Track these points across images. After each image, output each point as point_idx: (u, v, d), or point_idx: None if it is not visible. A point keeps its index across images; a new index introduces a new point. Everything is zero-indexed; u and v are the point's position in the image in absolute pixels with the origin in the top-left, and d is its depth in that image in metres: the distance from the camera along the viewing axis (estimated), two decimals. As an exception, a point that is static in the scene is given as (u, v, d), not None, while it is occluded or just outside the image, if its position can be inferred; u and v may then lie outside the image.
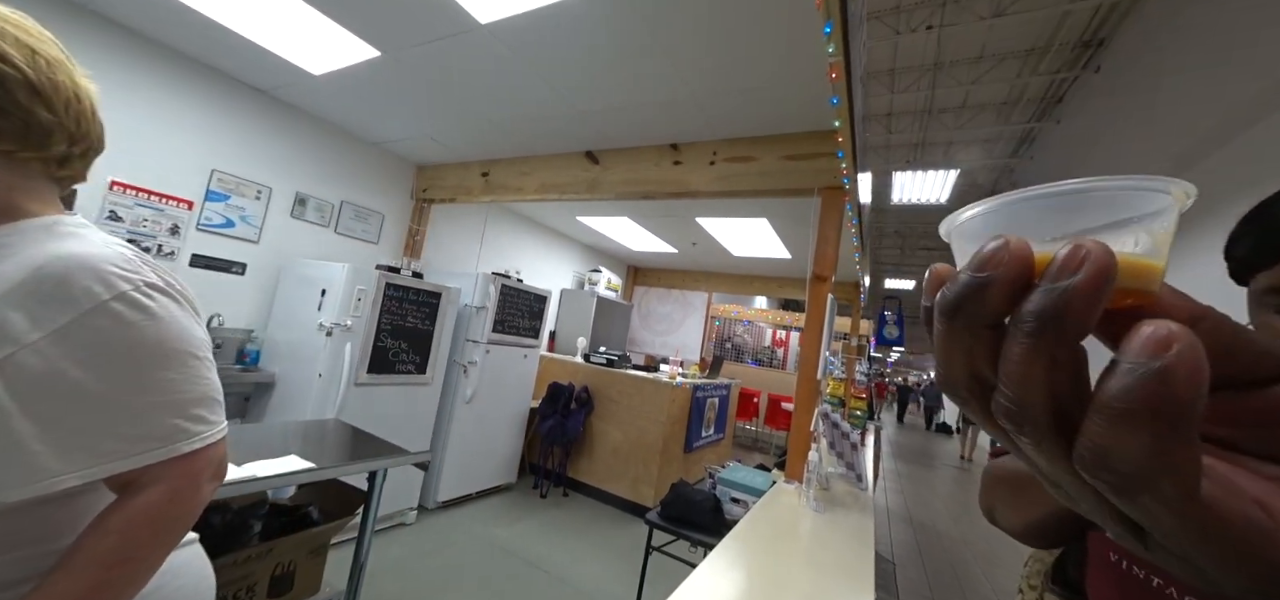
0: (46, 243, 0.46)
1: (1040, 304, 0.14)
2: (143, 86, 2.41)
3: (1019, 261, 0.15)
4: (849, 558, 1.35)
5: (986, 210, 0.19)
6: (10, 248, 0.45)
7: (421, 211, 3.79)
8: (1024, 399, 0.15)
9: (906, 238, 11.50)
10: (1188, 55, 3.56)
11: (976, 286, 0.16)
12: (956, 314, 0.16)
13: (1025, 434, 0.15)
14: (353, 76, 2.39)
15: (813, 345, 2.02)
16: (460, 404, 3.16)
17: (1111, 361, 0.14)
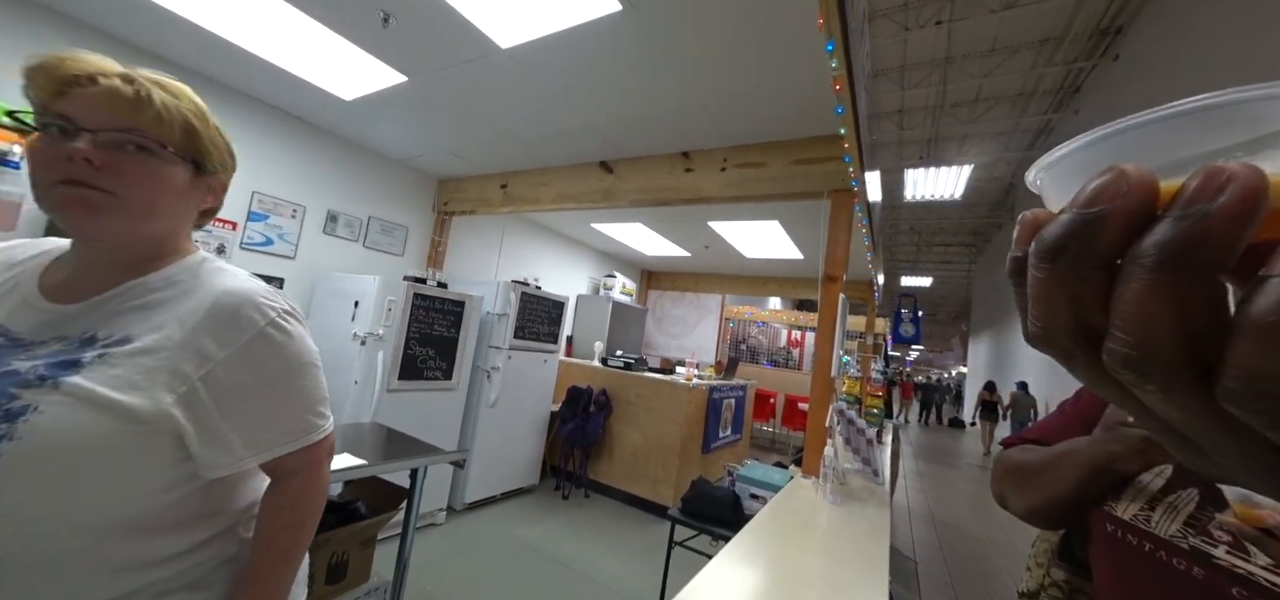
0: (212, 279, 0.58)
1: (1168, 235, 0.13)
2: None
3: (1142, 188, 0.14)
4: (865, 547, 1.40)
5: (1088, 142, 0.17)
6: (185, 285, 0.56)
7: (443, 223, 3.94)
8: (1147, 342, 0.13)
9: (921, 235, 11.37)
10: (1212, 37, 3.51)
11: (1087, 221, 0.14)
12: (1060, 255, 0.15)
13: (1151, 382, 0.14)
14: (381, 99, 2.53)
15: (826, 344, 2.08)
16: (484, 408, 3.27)
17: (1258, 278, 0.12)
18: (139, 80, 0.51)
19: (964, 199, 8.89)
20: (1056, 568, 0.69)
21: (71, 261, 0.54)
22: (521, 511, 3.38)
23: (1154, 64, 4.32)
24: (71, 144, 0.46)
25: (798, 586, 1.14)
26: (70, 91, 0.47)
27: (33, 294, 0.52)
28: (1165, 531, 0.50)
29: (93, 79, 0.48)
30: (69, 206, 0.47)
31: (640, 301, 6.89)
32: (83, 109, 0.47)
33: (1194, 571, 0.48)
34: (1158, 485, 0.54)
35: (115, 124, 0.48)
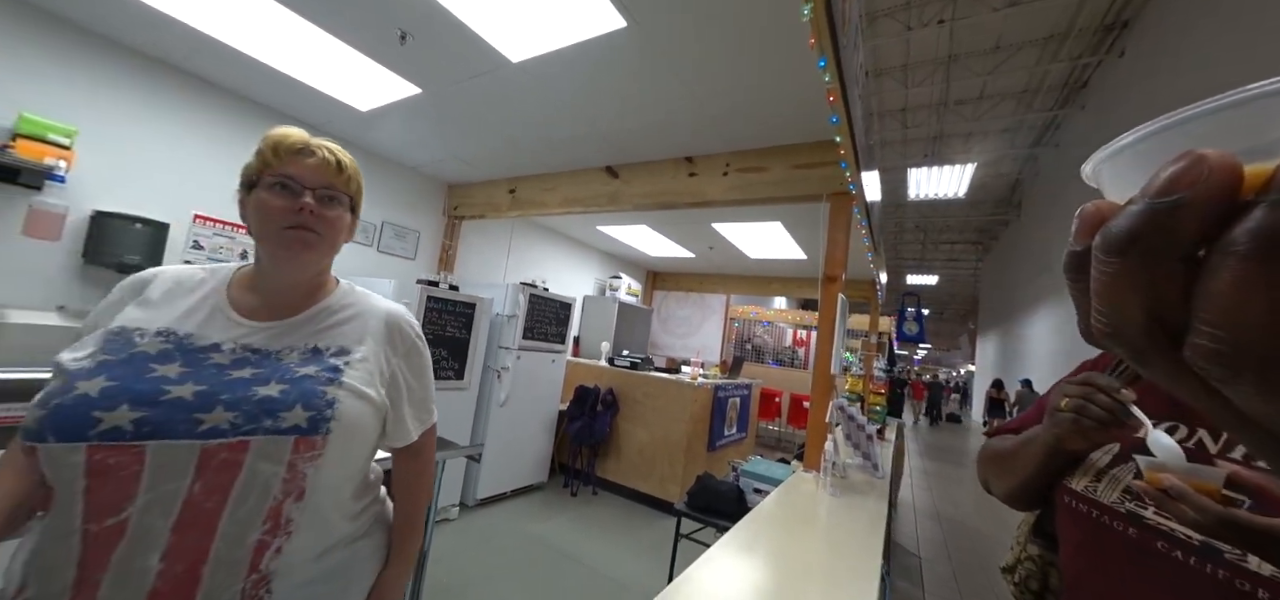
0: (370, 301, 0.75)
1: (1265, 221, 0.12)
2: (213, 128, 2.72)
3: (1224, 172, 0.13)
4: (861, 537, 1.46)
5: (1154, 131, 0.16)
6: (356, 306, 0.72)
7: (454, 227, 4.04)
8: (1242, 336, 0.12)
9: (927, 233, 11.34)
10: (1219, 30, 3.52)
11: (1164, 211, 0.13)
12: (1132, 247, 0.14)
13: (1243, 379, 0.13)
14: (395, 110, 2.64)
15: (826, 343, 2.14)
16: (495, 407, 3.37)
17: None
18: (336, 151, 0.68)
19: (969, 196, 8.89)
20: (1032, 543, 0.77)
21: (259, 289, 0.66)
22: (531, 508, 3.47)
23: (1160, 60, 4.33)
24: (300, 199, 0.62)
25: (794, 571, 1.20)
26: (296, 159, 0.63)
27: (232, 315, 0.63)
28: (1108, 499, 0.58)
29: (311, 151, 0.64)
30: (294, 243, 0.62)
31: (646, 302, 6.96)
32: (304, 173, 0.63)
33: (1129, 531, 0.55)
34: (1105, 461, 0.61)
35: (324, 184, 0.64)
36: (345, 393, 0.62)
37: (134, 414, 0.50)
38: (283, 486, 0.57)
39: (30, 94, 2.12)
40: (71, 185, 2.19)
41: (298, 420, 0.57)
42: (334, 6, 1.79)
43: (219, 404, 0.54)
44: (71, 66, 2.22)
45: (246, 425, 0.55)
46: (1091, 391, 0.56)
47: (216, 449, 0.53)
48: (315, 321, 0.67)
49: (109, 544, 0.49)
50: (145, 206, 2.45)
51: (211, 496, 0.53)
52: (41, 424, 0.48)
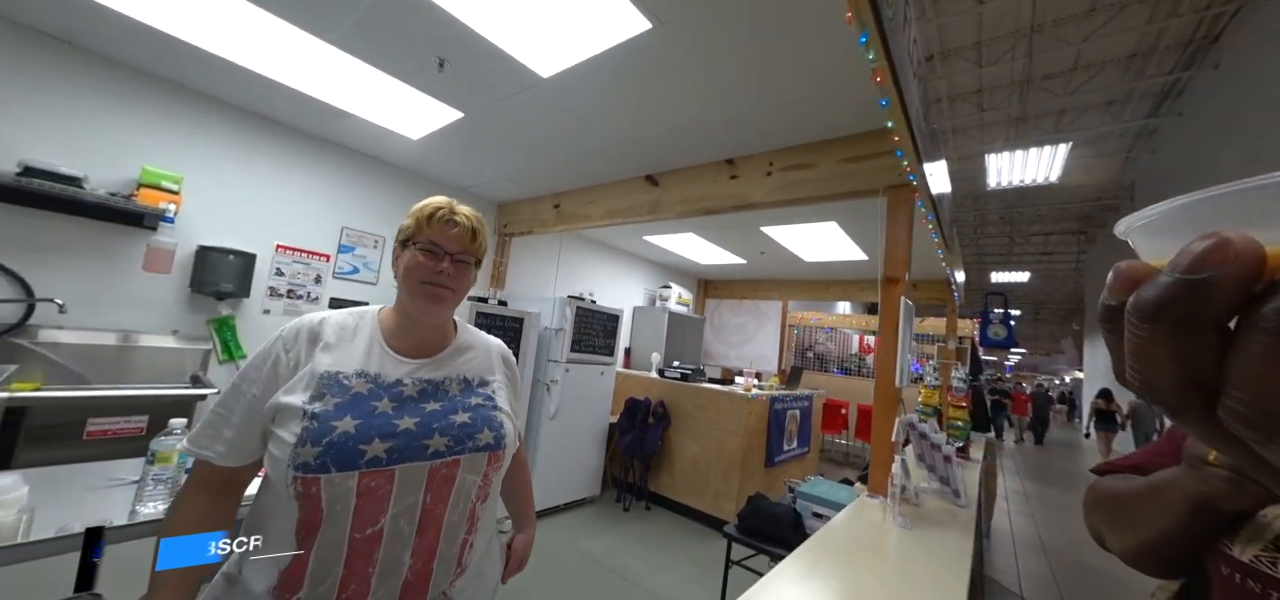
0: (481, 337, 0.88)
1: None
2: (291, 166, 3.02)
3: (1249, 256, 0.14)
4: (937, 577, 1.26)
5: (1185, 204, 0.17)
6: (477, 345, 0.86)
7: (504, 245, 4.19)
8: (1273, 404, 0.13)
9: (1015, 225, 10.16)
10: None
11: (1191, 287, 0.14)
12: (1162, 316, 0.15)
13: (1276, 441, 0.14)
14: (442, 135, 2.77)
15: (889, 351, 1.92)
16: (546, 420, 3.40)
17: None
18: (473, 219, 0.79)
19: (1064, 180, 7.82)
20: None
21: (406, 332, 0.78)
22: (583, 521, 3.45)
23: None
24: (440, 262, 0.74)
25: (851, 615, 1.06)
26: (443, 229, 0.75)
27: (393, 355, 0.75)
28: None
29: (454, 221, 0.76)
30: (433, 297, 0.74)
31: (698, 311, 6.81)
32: (446, 239, 0.75)
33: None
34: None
35: (461, 249, 0.76)
36: (503, 415, 0.79)
37: (385, 445, 0.65)
38: (478, 491, 0.74)
39: (149, 148, 2.46)
40: (179, 225, 2.50)
41: (488, 439, 0.74)
42: (379, 42, 1.90)
43: (435, 431, 0.70)
44: (179, 122, 2.57)
45: (457, 447, 0.71)
46: None
47: (440, 467, 0.69)
48: (455, 357, 0.80)
49: (371, 546, 0.64)
50: (237, 240, 2.75)
51: (438, 505, 0.69)
52: (322, 460, 0.61)
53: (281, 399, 0.66)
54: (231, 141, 2.76)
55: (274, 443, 0.64)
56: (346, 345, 0.73)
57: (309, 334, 0.72)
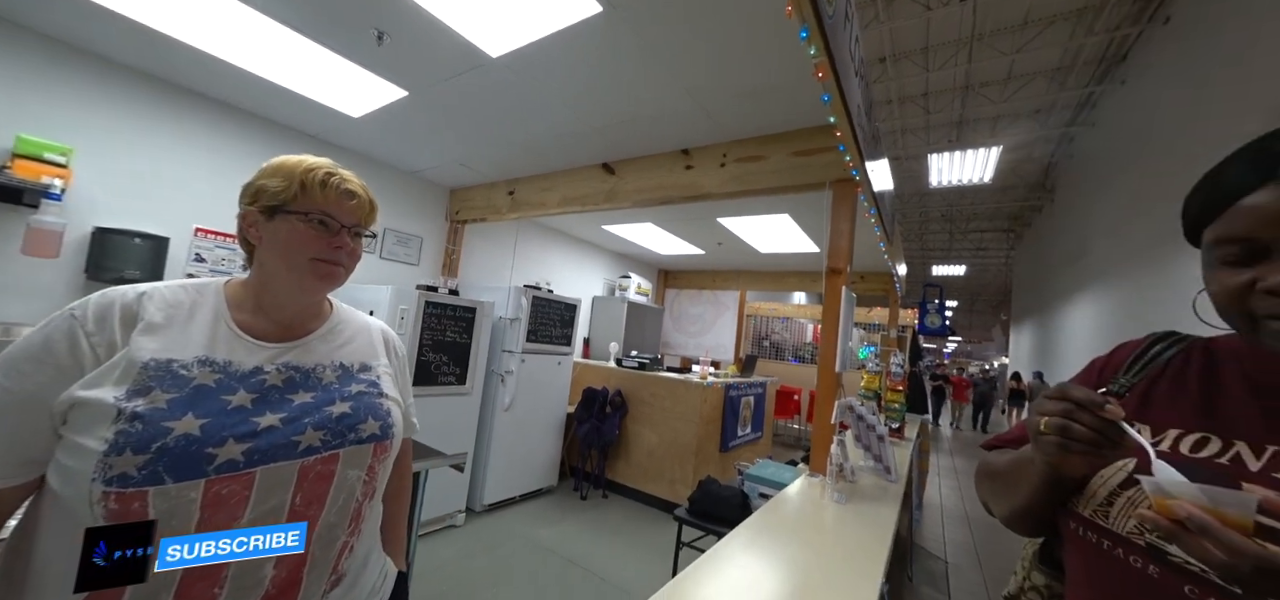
0: (360, 317, 0.79)
1: None
2: (211, 141, 2.76)
3: None
4: (864, 544, 1.35)
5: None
6: (356, 324, 0.77)
7: (456, 232, 4.04)
8: None
9: (954, 221, 10.86)
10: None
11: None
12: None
13: None
14: (387, 115, 2.63)
15: (830, 339, 2.01)
16: (500, 411, 3.34)
17: None
18: (367, 191, 0.71)
19: (996, 182, 8.43)
20: (1037, 572, 0.67)
21: (265, 310, 0.67)
22: (540, 512, 3.43)
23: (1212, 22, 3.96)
24: (337, 237, 0.65)
25: (786, 583, 1.12)
26: (339, 201, 0.66)
27: (244, 338, 0.64)
28: (1123, 529, 0.48)
29: (354, 194, 0.67)
30: (325, 276, 0.65)
31: (657, 301, 6.87)
32: (343, 211, 0.66)
33: (1150, 570, 0.46)
34: (1118, 479, 0.50)
35: (358, 223, 0.68)
36: (390, 402, 0.72)
37: (242, 446, 0.56)
38: (363, 488, 0.66)
39: (26, 116, 2.16)
40: (69, 203, 2.21)
41: (373, 430, 0.67)
42: (309, 10, 1.77)
43: (308, 426, 0.61)
44: (65, 86, 2.26)
45: (335, 441, 0.63)
46: (1071, 408, 0.45)
47: (313, 464, 0.60)
48: (328, 340, 0.71)
49: None
50: (145, 221, 2.48)
51: (311, 506, 0.60)
52: (150, 470, 0.50)
53: (79, 394, 0.51)
54: (135, 113, 2.47)
55: (67, 451, 0.50)
56: (181, 327, 0.60)
57: (123, 312, 0.57)
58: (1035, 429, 0.48)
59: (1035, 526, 0.62)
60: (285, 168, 0.64)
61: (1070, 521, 0.53)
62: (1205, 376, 0.51)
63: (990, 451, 0.71)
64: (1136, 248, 4.69)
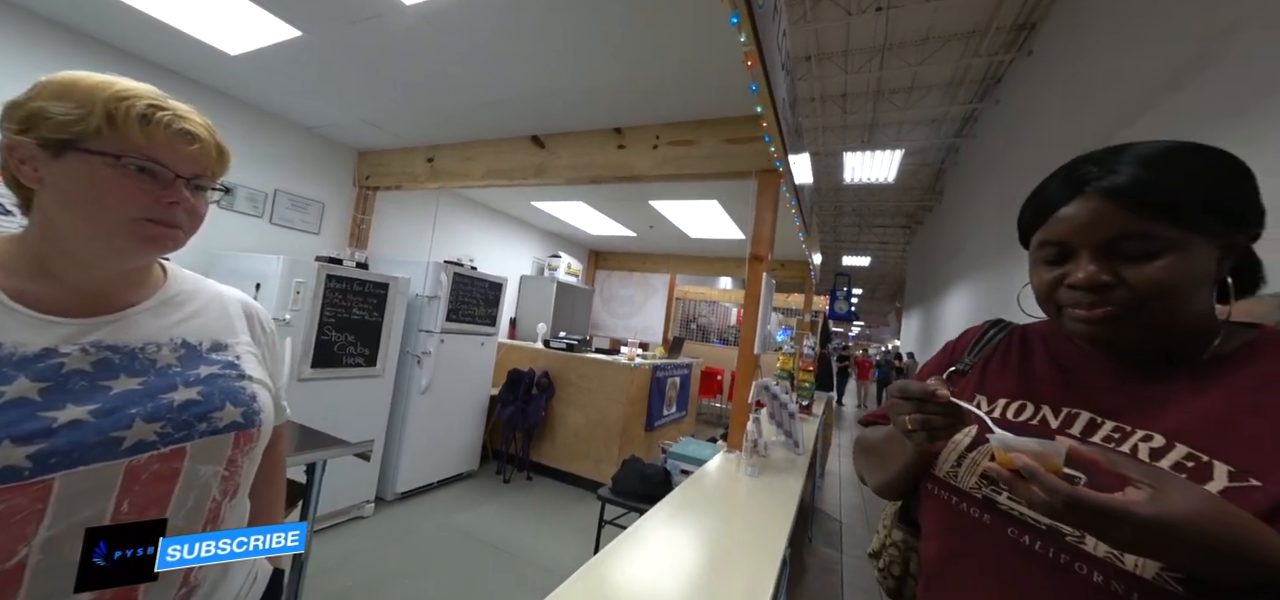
0: (212, 288, 0.67)
1: None
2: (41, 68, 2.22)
3: None
4: (772, 513, 1.46)
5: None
6: (203, 294, 0.65)
7: (365, 199, 3.66)
8: None
9: (862, 216, 11.91)
10: (1110, 37, 3.82)
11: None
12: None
13: None
14: (275, 57, 2.27)
15: (751, 323, 2.12)
16: (415, 395, 3.13)
17: None
18: (214, 131, 0.57)
19: (898, 182, 9.37)
20: (897, 529, 0.76)
21: (61, 273, 0.52)
22: (459, 497, 3.30)
23: (1062, 58, 4.67)
24: (170, 190, 0.52)
25: (700, 553, 1.17)
26: (172, 143, 0.51)
27: (29, 312, 0.50)
28: (966, 485, 0.56)
29: (193, 137, 0.53)
30: (147, 241, 0.51)
31: (588, 282, 6.80)
32: (178, 157, 0.52)
33: (984, 518, 0.54)
34: (966, 443, 0.59)
35: (199, 173, 0.55)
36: (255, 385, 0.62)
37: (26, 449, 0.44)
38: (221, 485, 0.57)
39: None
40: None
41: (233, 417, 0.57)
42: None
43: (135, 418, 0.50)
44: None
45: (178, 433, 0.53)
46: (921, 405, 0.52)
47: (145, 463, 0.50)
48: (163, 314, 0.59)
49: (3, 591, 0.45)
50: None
51: (148, 511, 0.51)
52: None
53: None
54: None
55: None
56: None
57: None
58: (903, 427, 0.54)
59: (902, 492, 0.71)
60: (80, 89, 0.49)
61: (928, 484, 0.62)
62: (1021, 355, 0.62)
63: (866, 428, 0.79)
64: (999, 246, 5.47)
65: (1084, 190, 0.48)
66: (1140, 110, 3.12)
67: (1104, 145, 0.50)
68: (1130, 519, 0.36)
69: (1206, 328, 0.49)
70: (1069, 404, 0.54)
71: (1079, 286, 0.48)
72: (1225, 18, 2.39)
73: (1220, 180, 0.46)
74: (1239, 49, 2.26)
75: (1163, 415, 0.47)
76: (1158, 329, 0.47)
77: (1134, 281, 0.45)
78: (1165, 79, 2.90)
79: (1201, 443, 0.43)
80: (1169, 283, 0.44)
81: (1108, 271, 0.46)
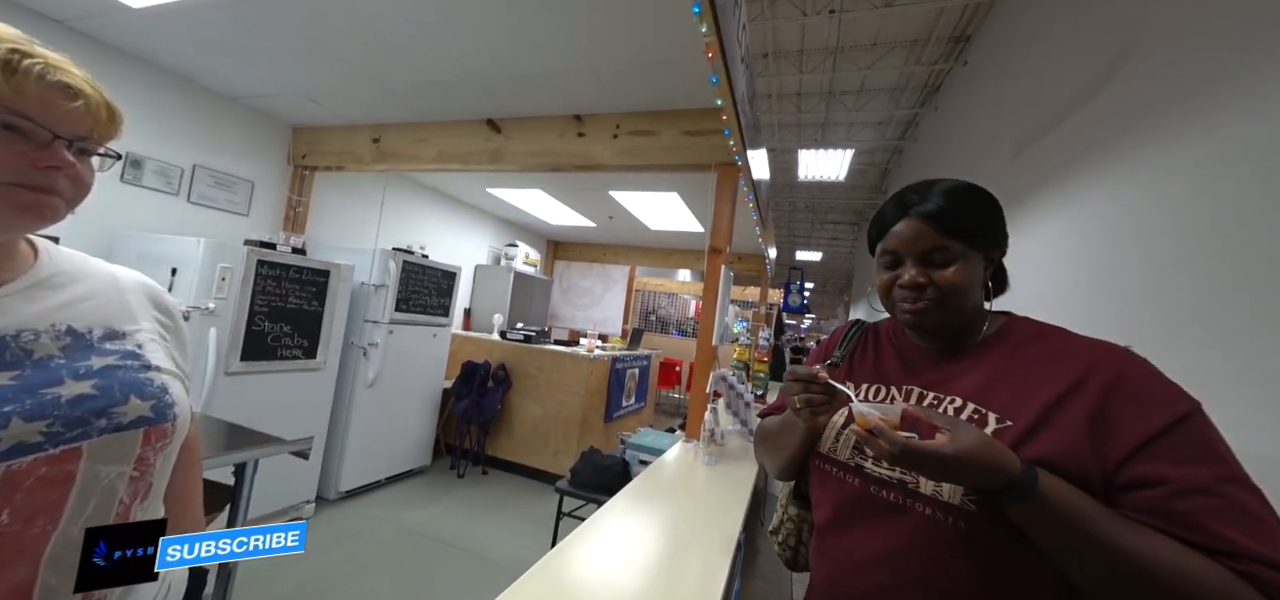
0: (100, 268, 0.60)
1: None
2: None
3: None
4: (726, 500, 1.50)
5: None
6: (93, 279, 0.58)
7: (302, 179, 3.39)
8: None
9: (815, 212, 12.40)
10: (1028, 54, 4.17)
11: None
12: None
13: None
14: (187, 14, 2.04)
15: (709, 315, 2.15)
16: (361, 388, 2.96)
17: None
18: (101, 89, 0.51)
19: (848, 181, 9.83)
20: (792, 505, 0.87)
21: None
22: (410, 494, 3.17)
23: (990, 70, 5.04)
24: (47, 151, 0.46)
25: (658, 538, 1.19)
26: (47, 95, 0.45)
27: None
28: (843, 456, 0.67)
29: (71, 88, 0.47)
30: (21, 210, 0.46)
31: (546, 272, 6.68)
32: (59, 118, 0.47)
33: (855, 481, 0.65)
34: (841, 423, 0.69)
35: (84, 134, 0.49)
36: (165, 375, 0.56)
37: None
38: (130, 487, 0.52)
39: None
40: None
41: (141, 411, 0.52)
42: None
43: (12, 416, 0.44)
44: None
45: (69, 432, 0.47)
46: (804, 387, 0.64)
47: (30, 467, 0.44)
48: (38, 298, 0.51)
49: None
50: None
51: (34, 522, 0.45)
52: None
53: None
54: None
55: None
56: None
57: None
58: (793, 405, 0.66)
59: (796, 472, 0.81)
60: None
61: (815, 460, 0.72)
62: (874, 349, 0.76)
63: (765, 419, 0.87)
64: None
65: (909, 213, 0.62)
66: (1060, 118, 3.43)
67: (1024, 150, 0.59)
68: (938, 457, 0.50)
69: (980, 318, 0.65)
70: (907, 382, 0.68)
71: (906, 286, 0.62)
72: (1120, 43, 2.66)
73: (989, 211, 0.62)
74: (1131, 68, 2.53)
75: (958, 383, 0.62)
76: (952, 317, 0.62)
77: (939, 282, 0.60)
78: (1078, 89, 3.20)
79: (979, 399, 0.59)
80: (961, 282, 0.60)
81: (923, 275, 0.61)
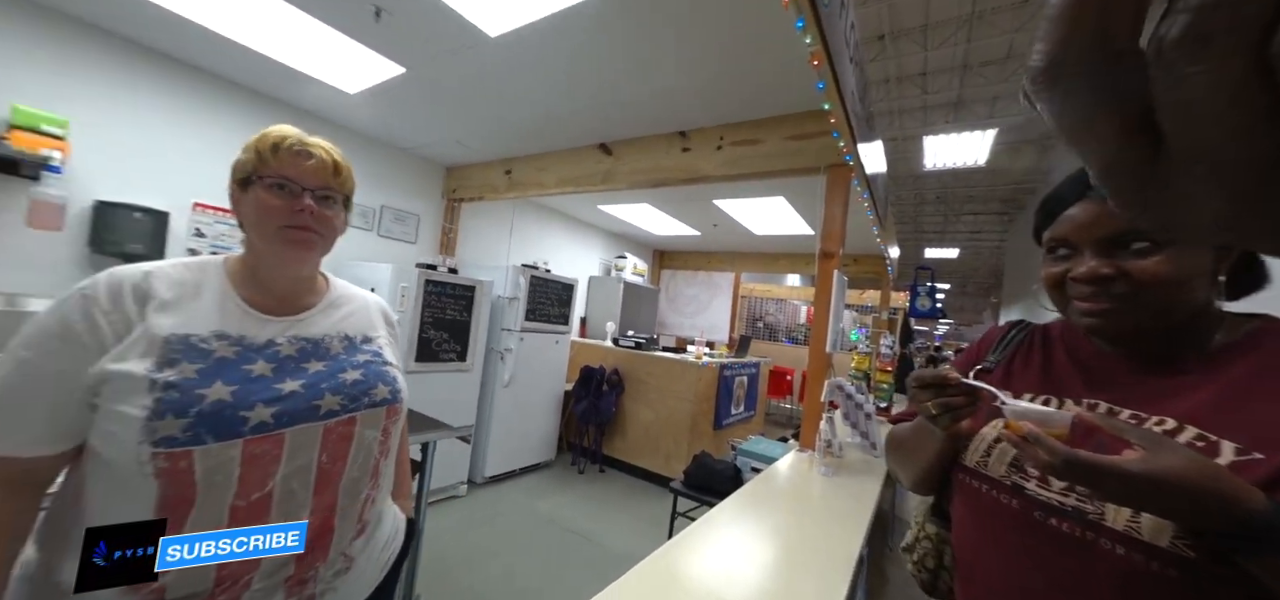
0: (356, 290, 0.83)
1: None
2: (210, 115, 2.75)
3: None
4: (847, 512, 1.44)
5: None
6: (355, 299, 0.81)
7: (453, 210, 4.05)
8: None
9: (949, 204, 10.85)
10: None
11: None
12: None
13: None
14: (383, 91, 2.61)
15: (822, 321, 2.08)
16: (499, 388, 3.41)
17: None
18: (331, 150, 0.70)
19: (991, 164, 8.43)
20: (929, 523, 0.77)
21: (264, 285, 0.69)
22: (539, 485, 3.53)
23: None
24: (299, 200, 0.65)
25: (771, 543, 1.20)
26: (294, 161, 0.66)
27: (252, 312, 0.67)
28: (996, 473, 0.58)
29: (309, 153, 0.67)
30: (296, 243, 0.66)
31: (653, 281, 6.91)
32: (303, 174, 0.66)
33: (1012, 503, 0.56)
34: (992, 436, 0.61)
35: (322, 185, 0.68)
36: (394, 369, 0.77)
37: (270, 409, 0.61)
38: (380, 447, 0.72)
39: (20, 86, 2.14)
40: (69, 176, 2.21)
41: (385, 394, 0.72)
42: (309, -13, 1.76)
43: (327, 391, 0.66)
44: (60, 57, 2.24)
45: (352, 405, 0.68)
46: (935, 392, 0.57)
47: (335, 426, 0.66)
48: (329, 314, 0.75)
49: (259, 511, 0.60)
50: (145, 195, 2.48)
51: (335, 463, 0.66)
52: (193, 431, 0.55)
53: (110, 367, 0.55)
54: (132, 85, 2.45)
55: (109, 419, 0.54)
56: (190, 303, 0.63)
57: (133, 290, 0.60)
58: (928, 414, 0.58)
59: (933, 485, 0.73)
60: (253, 139, 0.66)
61: (959, 473, 0.63)
62: (1043, 354, 0.65)
63: (895, 427, 0.80)
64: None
65: (1089, 193, 0.53)
66: None
67: None
68: (1120, 473, 0.40)
69: (1209, 320, 0.52)
70: (1089, 396, 0.56)
71: (1081, 280, 0.52)
72: None
73: None
74: None
75: (1175, 402, 0.50)
76: (1155, 319, 0.50)
77: (1134, 273, 0.49)
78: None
79: (1210, 424, 0.46)
80: (1166, 275, 0.48)
81: (1109, 265, 0.50)
